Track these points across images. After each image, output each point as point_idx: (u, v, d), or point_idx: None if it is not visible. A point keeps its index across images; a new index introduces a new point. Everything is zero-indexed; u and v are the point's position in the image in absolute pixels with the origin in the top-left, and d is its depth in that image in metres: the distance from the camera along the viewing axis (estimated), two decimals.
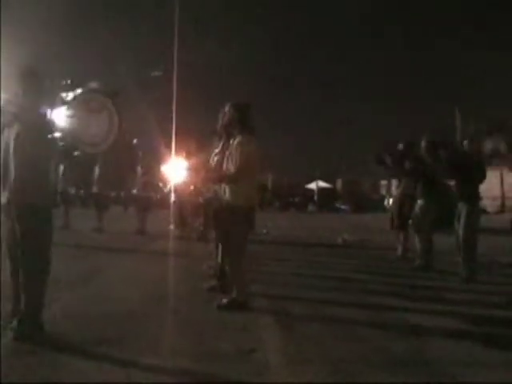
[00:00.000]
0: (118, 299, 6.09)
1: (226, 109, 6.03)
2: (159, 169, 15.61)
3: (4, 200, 4.47)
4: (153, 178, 15.31)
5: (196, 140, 11.14)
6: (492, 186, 22.69)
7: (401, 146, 10.07)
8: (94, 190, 15.28)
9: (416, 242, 8.93)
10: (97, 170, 15.03)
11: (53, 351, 4.18)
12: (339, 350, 4.39)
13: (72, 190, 15.44)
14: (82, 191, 16.74)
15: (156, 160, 15.73)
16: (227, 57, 59.12)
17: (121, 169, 18.73)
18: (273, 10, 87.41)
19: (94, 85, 5.22)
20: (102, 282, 7.28)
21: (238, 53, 61.36)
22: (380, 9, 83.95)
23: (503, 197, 29.66)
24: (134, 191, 15.40)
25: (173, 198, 13.92)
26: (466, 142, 7.96)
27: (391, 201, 10.29)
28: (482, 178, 7.68)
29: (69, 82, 5.12)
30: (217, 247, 6.67)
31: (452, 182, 8.20)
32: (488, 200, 7.81)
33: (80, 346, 4.34)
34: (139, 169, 15.14)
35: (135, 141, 15.72)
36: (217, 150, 6.76)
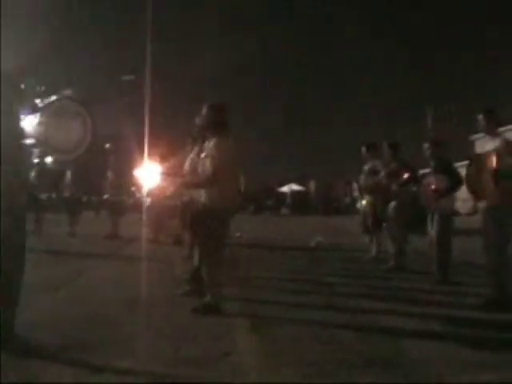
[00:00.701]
0: (92, 304, 6.04)
1: (204, 110, 5.97)
2: (132, 173, 15.53)
3: None
4: (125, 182, 15.22)
5: (169, 143, 11.12)
6: (463, 186, 22.89)
7: (364, 150, 10.15)
8: (66, 194, 15.20)
9: (389, 243, 9.01)
10: (68, 175, 14.96)
11: (27, 356, 4.13)
12: (316, 352, 4.38)
13: (44, 196, 15.30)
14: (53, 196, 16.61)
15: (128, 164, 15.63)
16: (201, 61, 59.07)
17: (93, 173, 18.62)
18: (246, 10, 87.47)
19: (67, 92, 5.20)
20: (77, 287, 7.22)
21: (213, 57, 61.49)
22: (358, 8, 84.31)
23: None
24: (106, 196, 15.30)
25: (147, 201, 13.85)
26: (426, 146, 7.96)
27: (364, 203, 10.35)
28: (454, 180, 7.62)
29: (42, 88, 5.09)
30: (191, 251, 6.65)
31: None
32: (459, 201, 7.88)
33: (55, 351, 4.30)
34: (111, 173, 15.05)
35: (107, 145, 15.60)
36: (192, 155, 6.74)
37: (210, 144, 5.75)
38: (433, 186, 7.53)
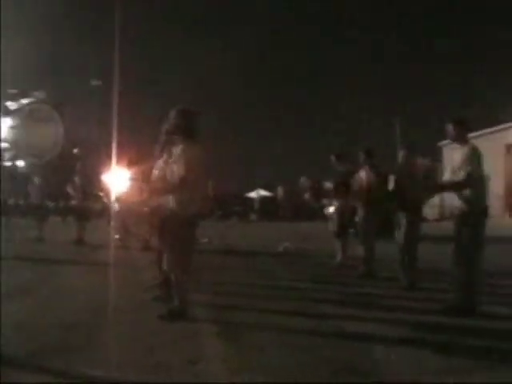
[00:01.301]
0: (60, 311, 6.02)
1: (172, 114, 5.92)
2: (99, 178, 15.42)
3: None
4: (92, 188, 15.14)
5: (137, 149, 11.07)
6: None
7: (333, 158, 10.17)
8: (34, 200, 15.03)
9: (358, 249, 9.05)
10: (36, 180, 14.80)
11: None
12: (282, 358, 4.41)
13: (11, 201, 15.13)
14: (21, 202, 16.41)
15: (96, 169, 15.52)
16: (170, 65, 58.92)
17: (60, 179, 18.43)
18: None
19: (39, 95, 5.17)
20: (44, 293, 7.17)
21: (181, 60, 61.22)
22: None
23: (442, 204, 29.92)
24: (73, 201, 15.17)
25: (116, 207, 13.76)
26: (401, 153, 8.04)
27: (331, 209, 10.40)
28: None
29: (14, 91, 5.05)
30: (160, 256, 6.64)
31: None
32: (427, 208, 7.95)
33: (23, 359, 4.29)
34: (78, 178, 14.92)
35: (75, 150, 15.49)
36: (161, 162, 6.71)
37: (177, 149, 5.73)
38: None
